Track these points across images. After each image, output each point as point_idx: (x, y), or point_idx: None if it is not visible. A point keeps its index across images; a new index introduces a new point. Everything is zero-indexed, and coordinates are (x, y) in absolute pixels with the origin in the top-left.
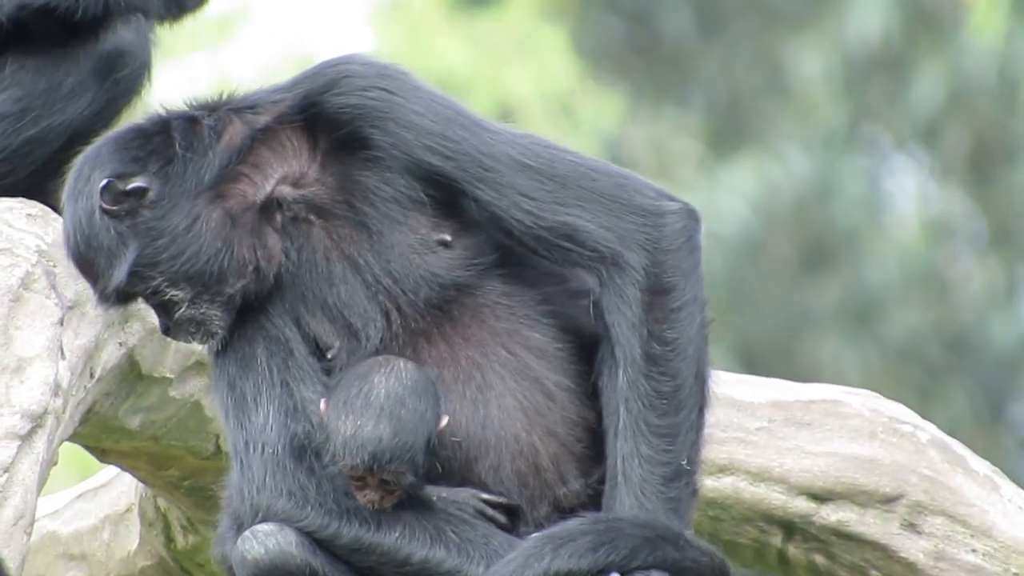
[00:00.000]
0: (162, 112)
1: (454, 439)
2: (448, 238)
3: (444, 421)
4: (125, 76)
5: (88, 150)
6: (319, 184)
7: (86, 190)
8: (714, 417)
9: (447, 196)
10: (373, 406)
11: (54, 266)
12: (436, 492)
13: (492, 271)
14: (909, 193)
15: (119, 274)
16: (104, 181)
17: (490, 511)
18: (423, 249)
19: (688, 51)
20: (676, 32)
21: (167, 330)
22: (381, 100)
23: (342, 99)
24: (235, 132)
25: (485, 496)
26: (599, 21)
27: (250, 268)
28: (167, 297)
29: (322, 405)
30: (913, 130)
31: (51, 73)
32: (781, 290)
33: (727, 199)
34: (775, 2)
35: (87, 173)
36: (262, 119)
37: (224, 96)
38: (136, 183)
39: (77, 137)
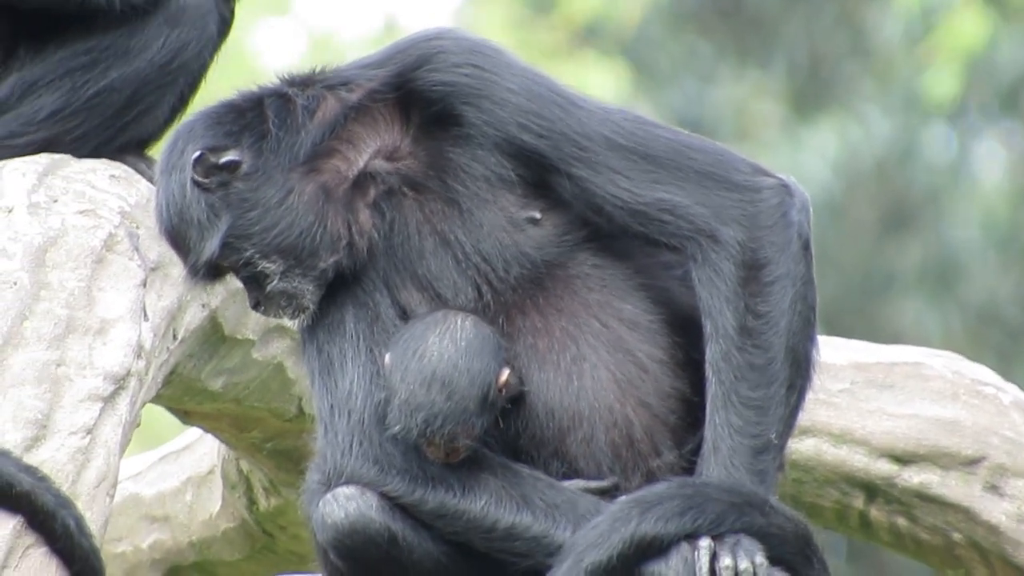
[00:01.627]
0: (255, 89)
1: (546, 421)
2: (537, 215)
3: (505, 374)
4: (192, 26)
5: (181, 125)
6: (412, 158)
7: (179, 163)
8: None
9: (537, 174)
10: (426, 369)
11: (137, 228)
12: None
13: (583, 244)
14: (990, 155)
15: (211, 246)
16: (197, 154)
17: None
18: (512, 228)
19: (770, 13)
20: None
21: (257, 304)
22: (474, 77)
23: (435, 75)
24: (328, 109)
25: (584, 484)
26: None
27: (343, 243)
28: (259, 269)
29: (386, 359)
30: (996, 93)
31: (117, 25)
32: (862, 252)
33: (809, 161)
34: None
35: (180, 147)
36: (355, 95)
37: (316, 72)
38: (229, 156)
39: (144, 88)
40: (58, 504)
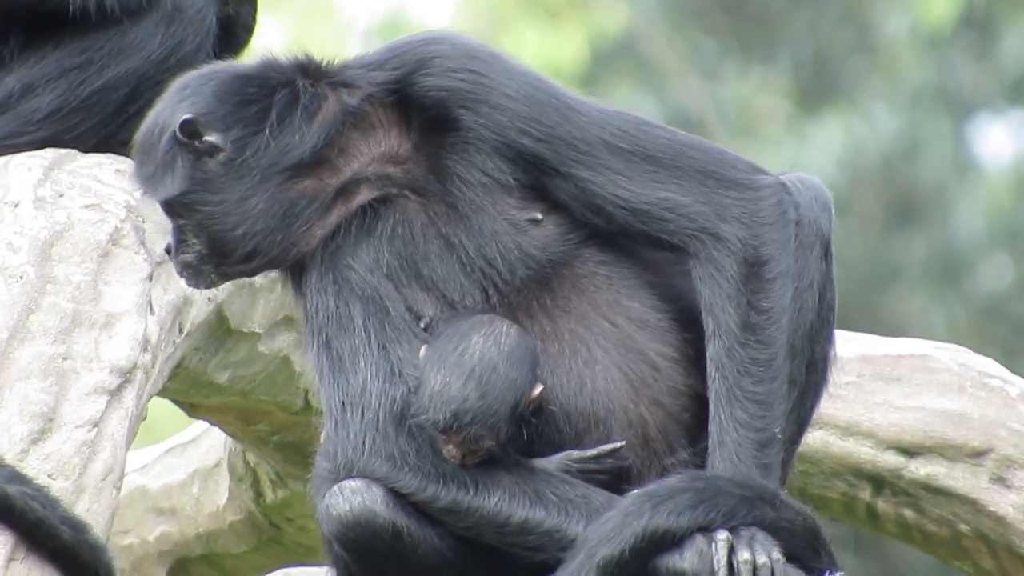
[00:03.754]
0: (274, 69)
1: (551, 407)
2: (539, 216)
3: (538, 390)
4: (189, 21)
5: (202, 70)
6: (412, 163)
7: (175, 107)
8: None
9: (535, 178)
10: (465, 365)
11: (143, 222)
12: (532, 463)
13: (588, 242)
14: (996, 150)
15: (160, 191)
16: (188, 116)
17: (594, 465)
18: (514, 230)
19: (775, 9)
20: None
21: (168, 251)
22: (471, 82)
23: (431, 80)
24: (328, 111)
25: (579, 453)
26: None
27: (291, 253)
28: (185, 238)
29: (422, 351)
30: (1002, 87)
31: (111, 25)
32: (868, 246)
33: (814, 157)
34: None
35: (185, 94)
36: (354, 99)
37: (325, 65)
38: (213, 138)
39: (144, 84)
40: (55, 519)
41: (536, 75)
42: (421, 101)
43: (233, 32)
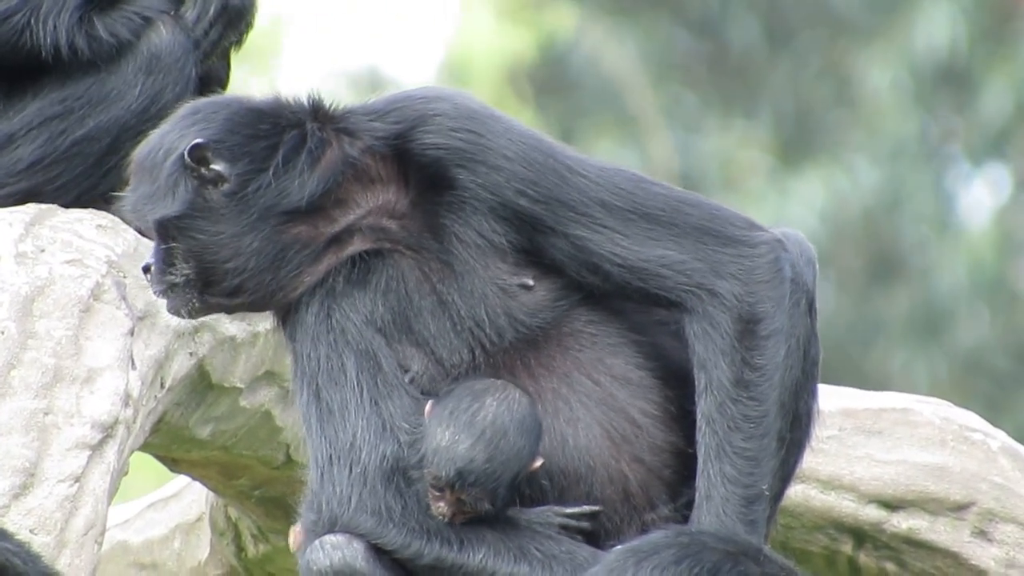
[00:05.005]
0: (285, 111)
1: (545, 480)
2: (530, 282)
3: (538, 463)
4: (167, 71)
5: (214, 98)
6: (408, 219)
7: (185, 131)
8: None
9: (529, 239)
10: (476, 426)
11: (124, 277)
12: (517, 514)
13: (577, 304)
14: (977, 204)
15: (152, 211)
16: (200, 140)
17: (573, 522)
18: (504, 296)
19: (756, 63)
20: (744, 44)
21: (147, 270)
22: (469, 141)
23: (430, 138)
24: (331, 158)
25: (565, 510)
26: (667, 33)
27: (278, 296)
28: (173, 262)
29: (428, 406)
30: (982, 141)
31: (89, 74)
32: (850, 301)
33: (796, 211)
34: (843, 13)
35: (196, 119)
36: (355, 149)
37: (333, 110)
38: (219, 168)
39: (125, 135)
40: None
41: (535, 135)
42: (419, 158)
43: (209, 86)
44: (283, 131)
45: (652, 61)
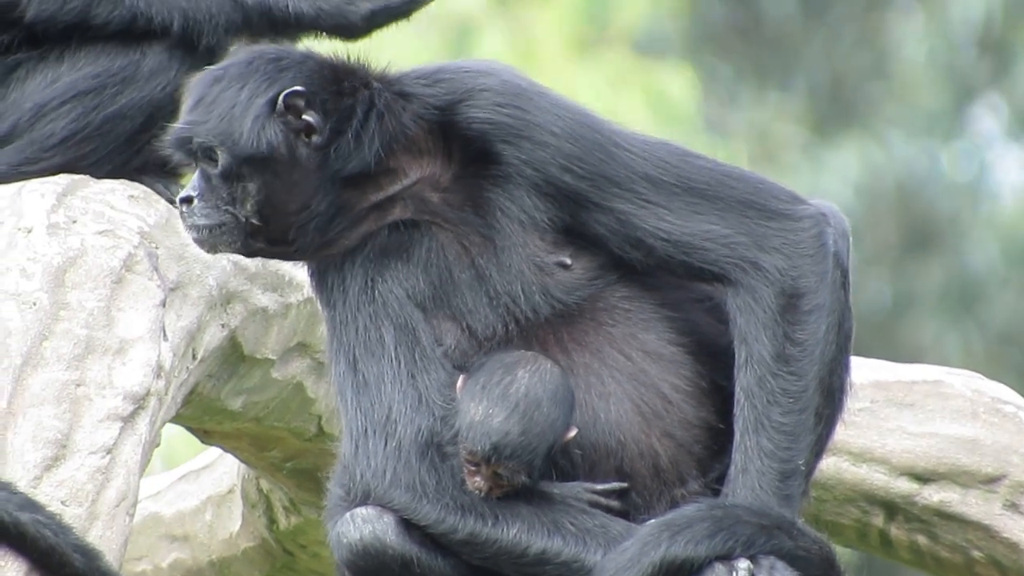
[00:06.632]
0: (356, 71)
1: (577, 451)
2: (567, 261)
3: (572, 433)
4: (203, 52)
5: (290, 49)
6: (450, 192)
7: (276, 75)
8: None
9: (572, 215)
10: (509, 399)
11: (156, 248)
12: (547, 488)
13: (613, 281)
14: (1012, 176)
15: (247, 148)
16: (298, 87)
17: (603, 500)
18: (540, 273)
19: (791, 35)
20: (779, 15)
21: (187, 201)
22: (515, 117)
23: (476, 112)
24: (387, 124)
25: (596, 487)
26: (703, 5)
27: (300, 248)
28: (232, 200)
29: (460, 381)
30: (1018, 113)
31: (128, 50)
32: (883, 273)
33: (830, 183)
34: None
35: (284, 66)
36: (407, 115)
37: (393, 76)
38: (311, 120)
39: (159, 113)
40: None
41: (581, 110)
42: (465, 132)
43: None
44: (356, 91)
45: (688, 33)
